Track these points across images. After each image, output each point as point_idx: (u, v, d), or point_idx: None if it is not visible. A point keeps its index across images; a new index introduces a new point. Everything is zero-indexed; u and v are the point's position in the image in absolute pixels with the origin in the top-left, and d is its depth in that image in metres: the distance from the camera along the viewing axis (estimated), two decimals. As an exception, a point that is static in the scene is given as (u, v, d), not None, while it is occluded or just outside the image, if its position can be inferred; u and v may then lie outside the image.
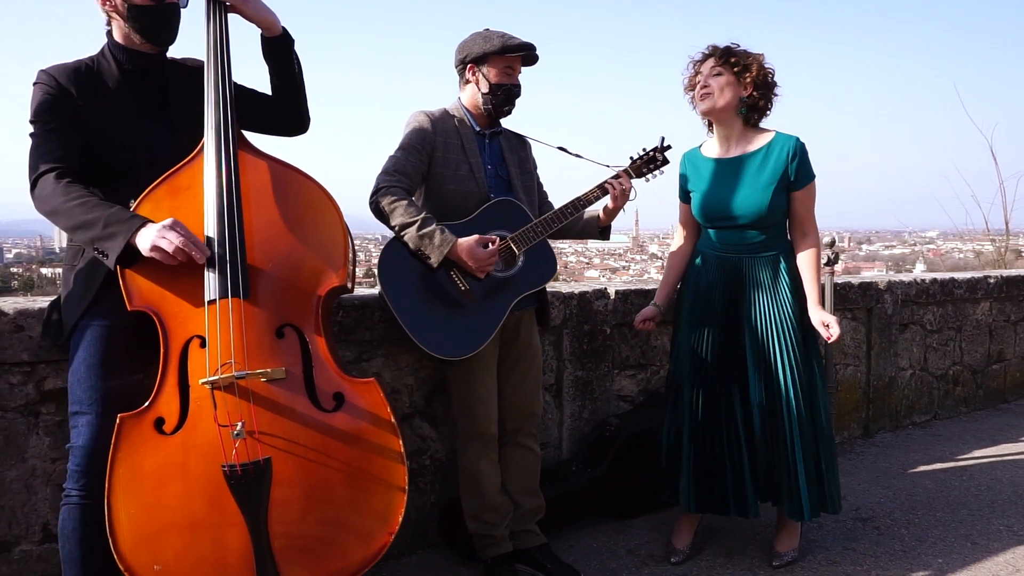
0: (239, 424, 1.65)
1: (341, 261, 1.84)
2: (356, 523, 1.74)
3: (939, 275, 4.43)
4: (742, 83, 2.33)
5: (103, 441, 1.68)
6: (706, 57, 2.37)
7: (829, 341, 2.29)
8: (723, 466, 2.41)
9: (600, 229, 2.56)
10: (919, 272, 5.79)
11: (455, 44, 2.43)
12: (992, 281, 4.55)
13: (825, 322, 2.29)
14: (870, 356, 3.95)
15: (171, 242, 1.64)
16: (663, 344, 3.19)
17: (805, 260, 2.38)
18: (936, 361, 4.31)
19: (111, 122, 1.83)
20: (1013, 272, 5.00)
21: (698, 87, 2.36)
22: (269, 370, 1.70)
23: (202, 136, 1.84)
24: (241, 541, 1.67)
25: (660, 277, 2.83)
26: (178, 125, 1.91)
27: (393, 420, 1.79)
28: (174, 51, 2.00)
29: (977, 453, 3.71)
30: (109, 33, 1.91)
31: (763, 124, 2.45)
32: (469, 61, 2.35)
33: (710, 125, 2.49)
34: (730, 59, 2.32)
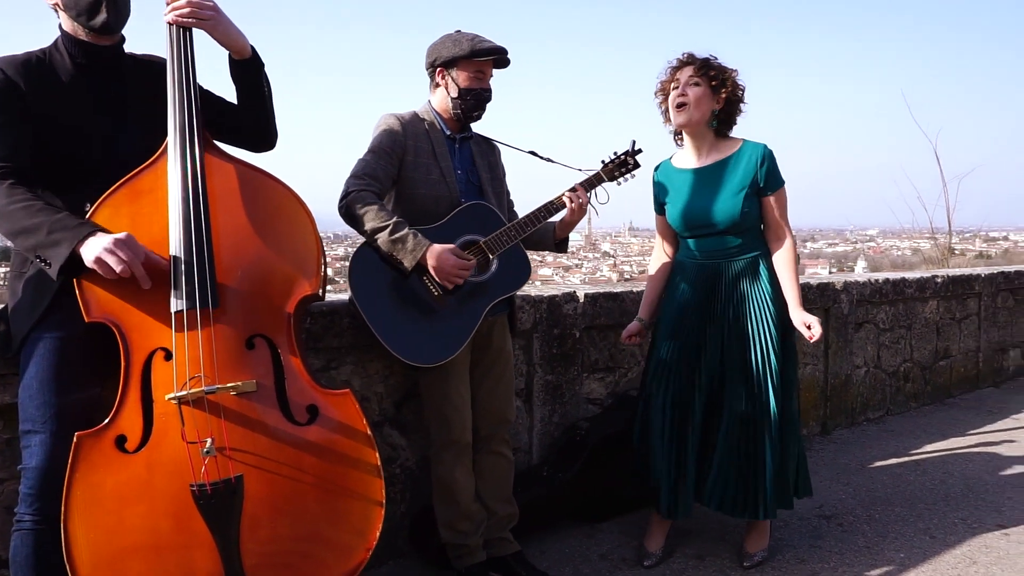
0: (208, 441, 1.57)
1: (314, 269, 1.77)
2: (334, 538, 1.68)
3: (891, 275, 4.57)
4: (716, 97, 2.35)
5: (58, 461, 1.58)
6: (684, 64, 2.38)
7: (811, 341, 2.32)
8: (689, 468, 2.43)
9: (556, 242, 2.52)
10: (866, 272, 5.98)
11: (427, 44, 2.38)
12: (939, 280, 4.71)
13: (807, 323, 2.32)
14: (827, 355, 4.05)
15: (120, 260, 1.54)
16: (631, 347, 3.20)
17: (782, 262, 2.42)
18: (888, 359, 4.45)
19: (65, 118, 1.72)
20: (957, 271, 5.20)
21: (674, 93, 2.36)
22: (240, 383, 1.62)
23: (164, 135, 1.75)
24: (210, 561, 1.60)
25: (613, 275, 2.83)
26: (138, 123, 1.80)
27: (369, 432, 1.74)
28: (135, 47, 1.91)
29: (928, 447, 3.84)
30: (61, 26, 1.80)
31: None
32: (439, 64, 2.30)
33: (678, 136, 2.50)
34: (709, 71, 2.33)
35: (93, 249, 1.54)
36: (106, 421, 1.60)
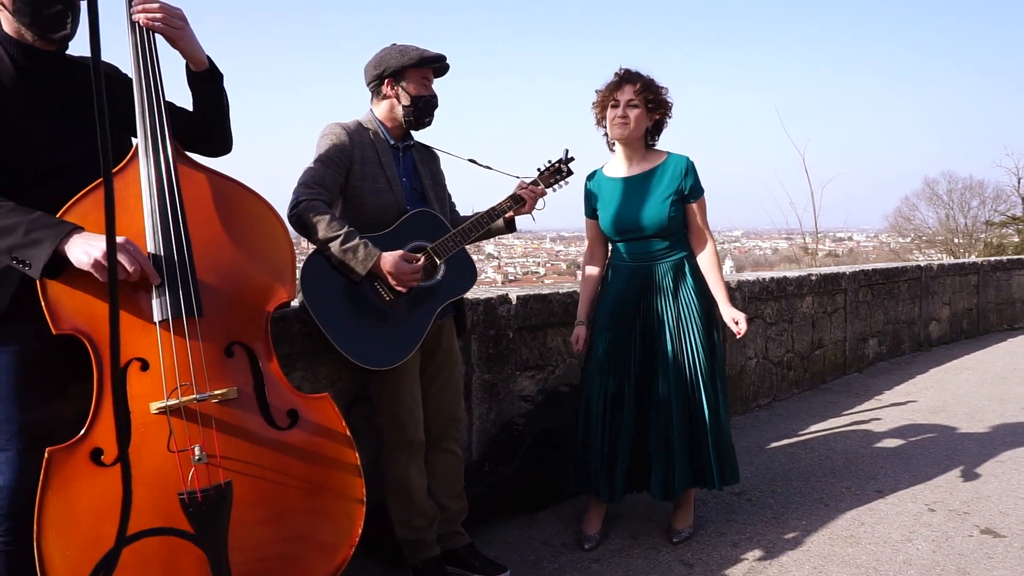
0: (197, 448, 1.57)
1: (289, 275, 1.80)
2: (318, 538, 1.72)
3: (775, 274, 5.05)
4: (651, 116, 2.57)
5: (28, 479, 1.54)
6: (624, 81, 2.57)
7: (739, 336, 2.57)
8: (621, 457, 2.62)
9: (507, 222, 2.59)
10: (734, 272, 6.55)
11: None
12: (814, 278, 5.25)
13: (735, 319, 2.57)
14: (725, 348, 4.41)
15: (125, 266, 1.53)
16: (558, 345, 3.38)
17: (708, 263, 2.66)
18: (774, 350, 4.92)
19: (7, 123, 1.66)
20: (827, 270, 5.81)
21: (614, 112, 2.55)
22: (225, 390, 1.63)
23: (116, 141, 1.72)
24: (197, 570, 1.59)
25: (498, 277, 2.99)
26: (84, 129, 1.76)
27: (348, 434, 1.79)
28: (75, 49, 1.85)
29: (812, 428, 4.29)
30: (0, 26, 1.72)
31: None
32: (387, 76, 2.37)
33: (613, 144, 2.69)
34: (648, 94, 2.54)
35: (85, 250, 1.51)
36: (80, 434, 1.57)
